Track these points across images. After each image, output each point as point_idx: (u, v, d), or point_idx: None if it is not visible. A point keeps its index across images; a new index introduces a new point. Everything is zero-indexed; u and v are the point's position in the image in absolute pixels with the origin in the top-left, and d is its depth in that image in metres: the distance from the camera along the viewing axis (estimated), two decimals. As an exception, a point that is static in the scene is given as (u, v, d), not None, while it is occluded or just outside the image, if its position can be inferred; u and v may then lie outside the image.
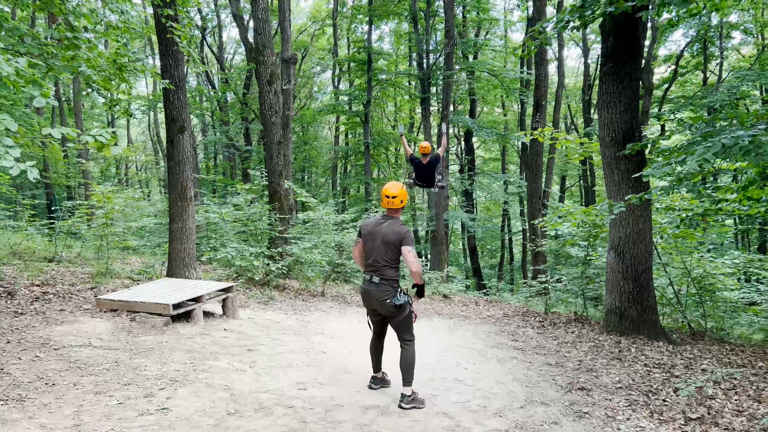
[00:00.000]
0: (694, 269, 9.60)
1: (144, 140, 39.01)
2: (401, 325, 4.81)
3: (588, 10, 6.91)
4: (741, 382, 5.66)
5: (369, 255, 4.81)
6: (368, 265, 4.83)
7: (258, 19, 12.70)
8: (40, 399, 4.21)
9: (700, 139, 5.74)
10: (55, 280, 8.46)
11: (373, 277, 4.76)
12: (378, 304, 4.76)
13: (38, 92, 4.33)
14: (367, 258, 4.84)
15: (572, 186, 33.66)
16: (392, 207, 4.86)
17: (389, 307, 4.71)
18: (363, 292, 4.88)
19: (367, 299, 4.86)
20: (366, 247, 4.85)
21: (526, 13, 24.32)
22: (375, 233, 4.79)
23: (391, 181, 5.11)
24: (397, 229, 4.72)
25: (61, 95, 22.95)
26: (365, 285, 4.84)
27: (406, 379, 4.77)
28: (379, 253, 4.74)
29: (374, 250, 4.77)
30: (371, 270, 4.80)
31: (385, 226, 4.78)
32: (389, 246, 4.71)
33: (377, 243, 4.75)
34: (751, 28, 21.63)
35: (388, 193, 4.83)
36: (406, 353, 4.81)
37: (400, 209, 4.93)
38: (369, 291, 4.77)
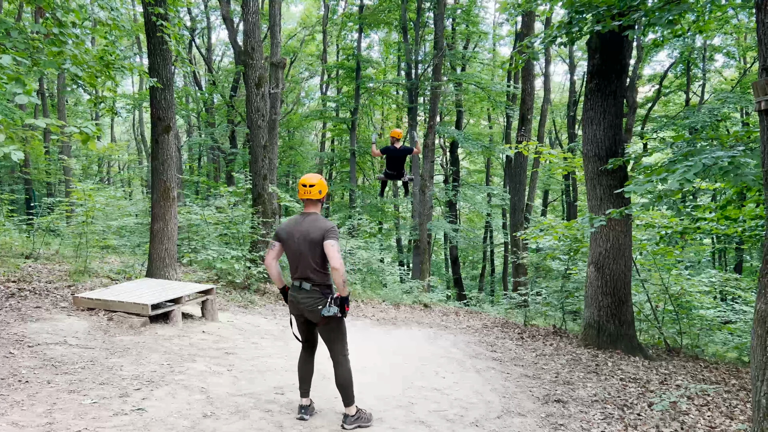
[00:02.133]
0: (671, 286, 9.73)
1: (128, 139, 38.64)
2: (331, 337, 4.34)
3: (575, 27, 7.01)
4: (714, 399, 5.74)
5: (294, 260, 4.30)
6: (295, 271, 4.33)
7: (248, 22, 12.70)
8: (13, 396, 4.15)
9: (681, 157, 5.84)
10: (31, 276, 8.34)
11: (302, 283, 4.26)
12: (308, 312, 4.28)
13: (21, 90, 4.30)
14: (293, 263, 4.32)
15: (555, 200, 33.95)
16: (310, 198, 4.33)
17: (319, 314, 4.23)
18: (293, 298, 4.34)
19: (295, 307, 4.36)
20: (288, 251, 4.32)
21: (514, 28, 24.57)
22: (295, 233, 4.29)
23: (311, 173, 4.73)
24: (320, 224, 4.25)
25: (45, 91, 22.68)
26: (293, 292, 4.34)
27: (347, 400, 4.37)
28: (304, 255, 4.24)
29: (298, 252, 4.26)
30: (299, 276, 4.29)
31: (307, 223, 4.28)
32: (314, 245, 4.21)
33: (300, 244, 4.24)
34: (733, 51, 22.06)
35: (306, 181, 4.32)
36: (341, 371, 4.35)
37: (320, 202, 4.43)
38: (297, 298, 4.29)
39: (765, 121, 3.93)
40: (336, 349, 4.36)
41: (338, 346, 4.36)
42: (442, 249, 32.36)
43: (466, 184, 28.21)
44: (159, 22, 7.92)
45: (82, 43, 6.50)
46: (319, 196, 4.36)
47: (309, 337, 4.57)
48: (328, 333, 4.33)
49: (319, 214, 4.39)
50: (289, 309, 4.52)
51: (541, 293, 11.63)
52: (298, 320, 4.50)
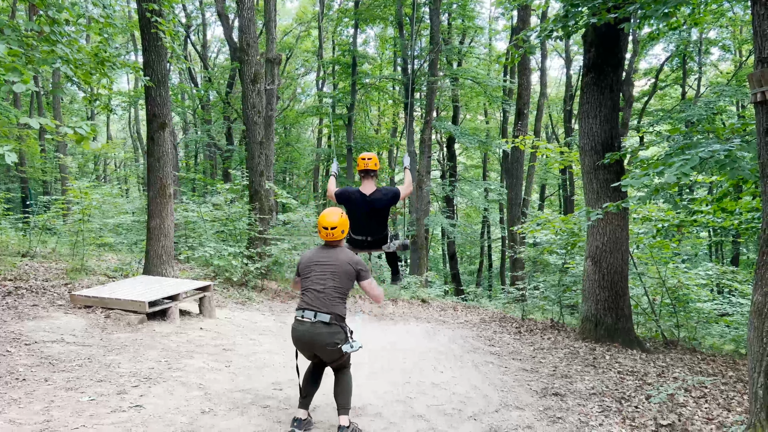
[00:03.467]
0: (668, 279, 9.75)
1: (124, 137, 38.53)
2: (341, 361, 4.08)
3: (571, 20, 7.00)
4: (711, 391, 5.76)
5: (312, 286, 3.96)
6: (313, 295, 3.94)
7: (243, 18, 12.65)
8: (10, 394, 4.14)
9: (678, 151, 5.84)
10: (28, 275, 8.32)
11: (318, 314, 3.86)
12: (321, 349, 3.91)
13: (18, 78, 4.27)
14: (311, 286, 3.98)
15: (552, 195, 33.98)
16: (332, 239, 4.06)
17: (337, 353, 3.91)
18: (303, 334, 3.92)
19: (308, 343, 3.94)
20: (309, 278, 4.00)
21: (510, 23, 24.50)
22: (321, 262, 4.01)
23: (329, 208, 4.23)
24: (352, 258, 4.04)
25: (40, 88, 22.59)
26: (304, 326, 3.91)
27: (344, 407, 4.08)
28: (329, 283, 3.93)
29: (323, 280, 3.94)
30: (315, 306, 3.89)
31: (336, 253, 4.03)
32: (345, 276, 3.97)
33: (326, 273, 3.96)
34: (729, 44, 22.09)
35: (326, 223, 3.99)
36: (343, 377, 4.12)
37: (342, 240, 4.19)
38: (313, 333, 3.87)
39: (760, 113, 3.93)
40: (343, 367, 4.17)
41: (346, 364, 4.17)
42: (440, 244, 32.37)
43: (463, 180, 28.21)
44: (154, 18, 7.89)
45: (75, 41, 6.48)
46: (342, 236, 4.11)
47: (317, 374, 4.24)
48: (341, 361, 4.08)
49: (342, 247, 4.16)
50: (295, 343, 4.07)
51: (539, 287, 11.65)
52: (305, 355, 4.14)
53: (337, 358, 3.98)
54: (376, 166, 5.10)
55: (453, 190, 25.65)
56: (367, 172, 5.08)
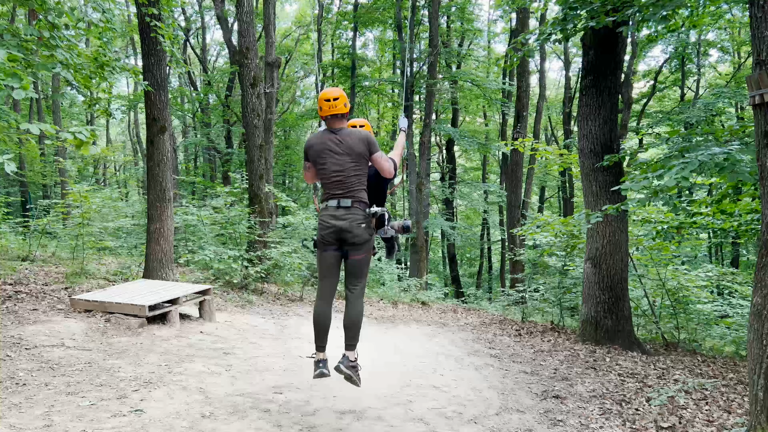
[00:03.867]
0: (668, 281, 9.75)
1: (123, 140, 38.56)
2: (362, 265, 4.05)
3: (570, 23, 7.02)
4: (712, 393, 5.76)
5: (331, 174, 3.92)
6: (333, 185, 3.93)
7: (242, 22, 12.68)
8: (10, 399, 4.14)
9: (677, 153, 5.85)
10: (28, 279, 8.32)
11: (341, 201, 3.87)
12: (348, 233, 3.90)
13: (18, 84, 4.28)
14: (331, 177, 3.92)
15: (551, 197, 33.99)
16: (336, 111, 3.92)
17: (363, 235, 3.92)
18: (328, 221, 3.92)
19: (333, 229, 3.91)
20: (324, 167, 3.93)
21: (509, 25, 24.57)
22: (332, 149, 3.91)
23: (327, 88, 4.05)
24: (361, 135, 3.93)
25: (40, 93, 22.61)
26: (331, 212, 3.91)
27: (352, 342, 4.10)
28: (346, 168, 3.88)
29: (338, 165, 3.88)
30: (338, 193, 3.90)
31: (344, 135, 3.91)
32: (359, 158, 3.91)
33: (340, 157, 3.89)
34: (728, 46, 22.13)
35: (328, 95, 3.87)
36: (356, 307, 4.08)
37: (346, 116, 4.01)
38: (337, 217, 3.88)
39: (759, 115, 3.94)
40: (360, 284, 4.11)
41: (363, 279, 4.11)
42: (440, 247, 32.36)
43: (463, 182, 28.23)
44: (153, 22, 7.90)
45: (75, 46, 6.49)
46: (345, 109, 3.97)
47: (332, 279, 4.14)
48: (360, 263, 4.04)
49: (346, 127, 4.03)
50: (319, 238, 4.01)
51: (539, 290, 11.65)
52: (326, 255, 4.04)
53: (362, 243, 3.96)
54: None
55: (452, 192, 25.68)
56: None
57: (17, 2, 6.67)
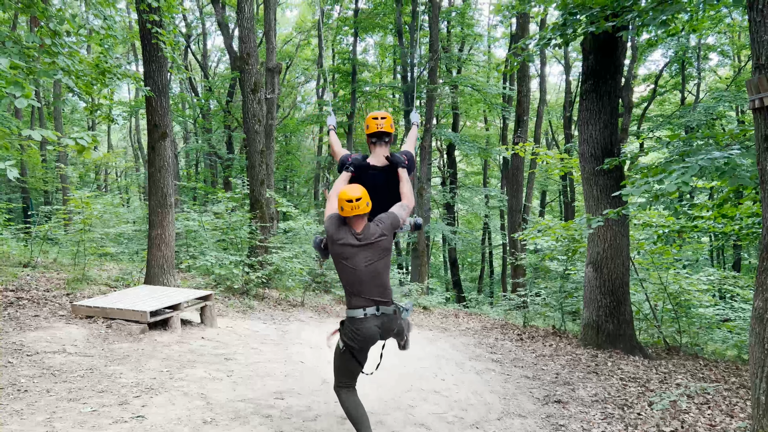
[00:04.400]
0: (670, 285, 9.74)
1: (125, 146, 38.61)
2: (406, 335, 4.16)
3: (569, 28, 7.04)
4: (714, 397, 5.75)
5: (360, 277, 3.60)
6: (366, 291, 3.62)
7: (243, 28, 12.72)
8: (12, 405, 4.14)
9: (678, 157, 5.86)
10: (29, 285, 8.33)
11: (381, 307, 3.64)
12: (394, 334, 3.84)
13: (20, 93, 4.30)
14: (358, 284, 3.61)
15: (552, 201, 33.98)
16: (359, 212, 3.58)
17: (403, 329, 3.95)
18: (367, 332, 3.63)
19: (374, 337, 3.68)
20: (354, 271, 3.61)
21: (509, 30, 24.59)
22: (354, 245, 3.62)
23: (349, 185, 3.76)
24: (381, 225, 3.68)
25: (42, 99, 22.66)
26: (372, 322, 3.63)
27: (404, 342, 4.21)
28: (376, 271, 3.63)
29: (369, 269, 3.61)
30: (376, 300, 3.64)
31: (366, 230, 3.64)
32: (386, 251, 3.66)
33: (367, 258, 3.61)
34: (728, 50, 22.15)
35: (350, 196, 3.53)
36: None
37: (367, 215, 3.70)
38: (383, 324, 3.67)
39: (759, 119, 3.95)
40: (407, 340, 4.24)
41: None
42: (441, 251, 32.34)
43: (464, 186, 28.24)
44: (154, 29, 7.93)
45: (76, 53, 6.52)
46: (367, 209, 3.63)
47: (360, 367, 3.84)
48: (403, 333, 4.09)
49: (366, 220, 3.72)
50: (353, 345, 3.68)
51: (540, 294, 11.64)
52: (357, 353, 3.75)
53: (402, 331, 3.99)
54: (391, 128, 4.18)
55: (453, 196, 25.67)
56: (380, 136, 4.18)
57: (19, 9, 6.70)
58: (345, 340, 3.72)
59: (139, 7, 8.11)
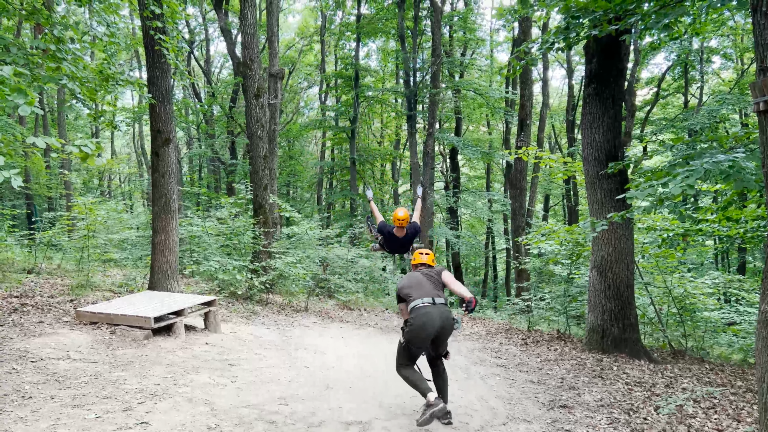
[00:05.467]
0: (674, 289, 9.70)
1: (128, 152, 38.73)
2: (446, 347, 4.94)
3: (572, 32, 7.03)
4: (720, 401, 5.71)
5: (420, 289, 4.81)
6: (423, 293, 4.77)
7: (246, 34, 12.75)
8: (16, 412, 4.13)
9: (682, 160, 5.84)
10: (33, 291, 8.34)
11: (435, 298, 4.72)
12: (446, 327, 4.70)
13: (23, 101, 4.31)
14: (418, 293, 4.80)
15: (556, 205, 33.93)
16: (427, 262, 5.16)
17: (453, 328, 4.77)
18: (430, 317, 4.62)
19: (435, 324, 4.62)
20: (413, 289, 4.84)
21: (511, 34, 24.62)
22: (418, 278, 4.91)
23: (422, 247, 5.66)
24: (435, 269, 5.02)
25: (45, 106, 22.74)
26: (430, 309, 4.65)
27: (445, 397, 4.86)
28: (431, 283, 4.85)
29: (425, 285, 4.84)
30: (429, 294, 4.76)
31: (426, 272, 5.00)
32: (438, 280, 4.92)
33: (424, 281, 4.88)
34: (731, 53, 22.11)
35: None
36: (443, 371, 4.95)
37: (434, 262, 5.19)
38: (440, 312, 4.66)
39: (763, 121, 3.93)
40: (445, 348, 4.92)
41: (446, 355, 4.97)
42: (444, 255, 32.27)
43: (467, 191, 28.22)
44: (157, 36, 7.96)
45: (80, 59, 6.54)
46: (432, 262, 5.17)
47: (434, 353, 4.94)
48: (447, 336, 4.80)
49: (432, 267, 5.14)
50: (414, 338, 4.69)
51: (545, 298, 11.60)
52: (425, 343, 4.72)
53: (449, 335, 4.79)
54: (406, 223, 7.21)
55: (456, 201, 25.65)
56: (401, 227, 7.25)
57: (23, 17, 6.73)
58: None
59: (143, 13, 8.14)
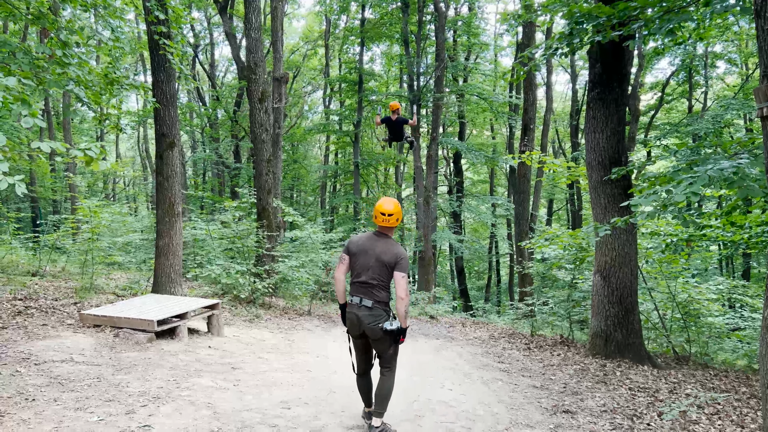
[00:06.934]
0: (678, 294, 9.67)
1: (133, 155, 38.87)
2: (386, 349, 4.44)
3: (576, 38, 7.02)
4: (724, 407, 5.69)
5: (360, 274, 4.38)
6: (358, 285, 4.39)
7: (250, 38, 12.79)
8: (20, 414, 4.14)
9: (686, 166, 5.83)
10: (38, 294, 8.36)
11: (363, 300, 4.34)
12: (368, 329, 4.33)
13: (27, 111, 4.33)
14: (357, 277, 4.40)
15: (559, 209, 33.90)
16: (387, 225, 4.43)
17: (380, 332, 4.31)
18: (351, 318, 4.40)
19: (356, 325, 4.38)
20: (356, 264, 4.41)
21: (515, 39, 24.66)
22: (368, 251, 4.37)
23: (385, 197, 4.62)
24: (395, 251, 4.36)
25: (50, 109, 22.84)
26: (354, 309, 4.37)
27: (379, 411, 4.46)
28: (373, 272, 4.33)
29: (367, 268, 4.35)
30: (361, 292, 4.36)
31: (382, 244, 4.39)
32: (384, 266, 4.33)
33: (371, 261, 4.34)
34: (735, 58, 22.09)
35: (384, 210, 4.39)
36: (386, 381, 4.46)
37: (394, 228, 4.53)
38: (359, 316, 4.32)
39: (767, 127, 3.93)
40: (388, 360, 4.48)
41: (393, 359, 4.51)
42: (447, 260, 32.29)
43: (470, 195, 28.23)
44: (162, 40, 7.99)
45: (86, 63, 6.57)
46: (396, 223, 4.48)
47: (366, 361, 4.64)
48: (384, 346, 4.42)
49: (392, 238, 4.54)
50: (347, 330, 4.53)
51: (548, 303, 11.57)
52: (355, 339, 4.55)
53: (380, 338, 4.36)
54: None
55: (460, 205, 25.66)
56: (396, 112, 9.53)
57: (29, 21, 6.77)
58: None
59: (148, 18, 8.18)
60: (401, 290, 4.25)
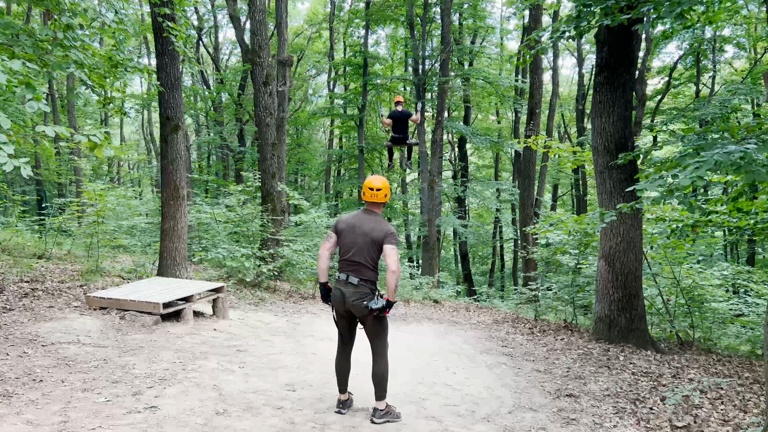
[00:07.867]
0: (683, 280, 9.67)
1: (137, 139, 38.86)
2: (375, 330, 4.40)
3: (584, 21, 6.95)
4: (727, 392, 5.71)
5: (346, 251, 4.38)
6: (345, 263, 4.39)
7: (255, 21, 12.72)
8: (27, 395, 4.19)
9: (692, 151, 5.78)
10: (44, 276, 8.42)
11: (350, 277, 4.34)
12: (353, 306, 4.32)
13: (31, 95, 4.32)
14: (344, 255, 4.40)
15: (564, 194, 33.79)
16: (375, 201, 4.43)
17: (364, 309, 4.29)
18: (336, 294, 4.40)
19: (341, 301, 4.36)
20: (344, 242, 4.41)
21: (522, 22, 24.44)
22: (356, 228, 4.37)
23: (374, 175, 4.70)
24: (383, 227, 4.36)
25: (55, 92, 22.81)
26: (340, 286, 4.37)
27: (379, 394, 4.46)
28: (360, 250, 4.33)
29: (354, 246, 4.34)
30: (348, 269, 4.36)
31: (370, 222, 4.38)
32: (373, 244, 4.32)
33: (359, 239, 4.33)
34: (744, 42, 21.84)
35: (372, 185, 4.41)
36: (379, 365, 4.44)
37: (383, 204, 4.53)
38: (344, 292, 4.32)
39: (776, 112, 3.89)
40: (378, 343, 4.45)
41: (381, 340, 4.45)
42: (452, 245, 32.30)
43: (475, 180, 28.14)
44: (165, 23, 7.94)
45: (89, 46, 6.54)
46: (384, 199, 4.47)
47: (349, 338, 4.59)
48: (372, 327, 4.39)
49: (380, 215, 4.52)
50: (332, 305, 4.49)
51: (552, 288, 11.59)
52: (340, 317, 4.51)
53: (368, 315, 4.31)
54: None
55: (465, 190, 25.60)
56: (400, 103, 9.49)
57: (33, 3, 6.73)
58: None
59: (151, 0, 8.13)
60: (392, 262, 4.21)
